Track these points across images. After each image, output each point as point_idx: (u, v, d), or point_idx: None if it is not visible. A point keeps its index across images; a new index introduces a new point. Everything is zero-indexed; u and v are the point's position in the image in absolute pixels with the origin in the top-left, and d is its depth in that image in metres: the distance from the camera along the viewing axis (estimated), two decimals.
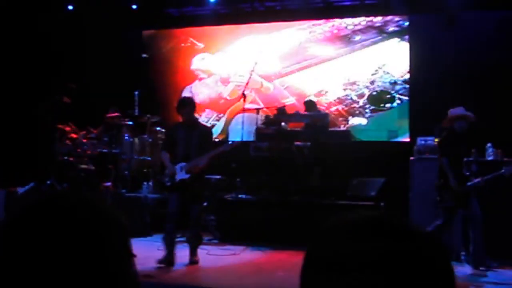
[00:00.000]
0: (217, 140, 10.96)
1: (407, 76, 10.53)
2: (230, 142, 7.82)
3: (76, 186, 8.94)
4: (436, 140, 7.46)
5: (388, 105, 10.62)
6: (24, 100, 10.56)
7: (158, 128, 9.99)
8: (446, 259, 0.86)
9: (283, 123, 9.20)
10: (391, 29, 10.84)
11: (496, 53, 9.62)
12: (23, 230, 0.93)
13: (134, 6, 11.21)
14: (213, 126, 11.34)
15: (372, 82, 10.76)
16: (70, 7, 11.35)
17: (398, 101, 10.56)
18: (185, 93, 11.58)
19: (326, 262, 0.85)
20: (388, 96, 10.64)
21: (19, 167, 9.71)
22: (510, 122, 9.01)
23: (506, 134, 8.23)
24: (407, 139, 10.10)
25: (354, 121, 10.73)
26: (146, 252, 6.67)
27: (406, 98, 10.49)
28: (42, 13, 10.94)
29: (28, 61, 11.02)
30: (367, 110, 10.70)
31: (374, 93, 10.74)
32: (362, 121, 10.70)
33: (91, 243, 0.93)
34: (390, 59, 10.70)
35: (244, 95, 9.02)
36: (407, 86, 10.52)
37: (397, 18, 10.80)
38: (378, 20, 10.92)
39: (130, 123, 9.68)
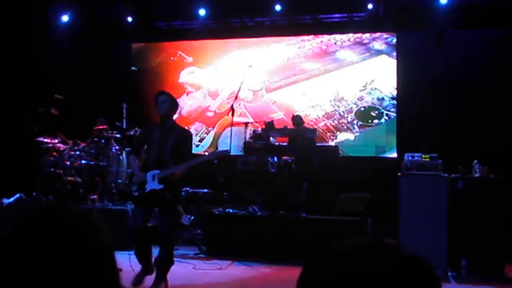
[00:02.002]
0: (206, 153, 10.94)
1: (395, 92, 10.61)
2: (218, 151, 7.15)
3: (61, 198, 8.85)
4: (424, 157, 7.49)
5: (376, 121, 10.68)
6: (11, 111, 10.49)
7: None
8: (435, 278, 0.88)
9: (271, 138, 9.20)
10: (379, 45, 10.93)
11: (482, 71, 9.75)
12: (15, 247, 0.93)
13: (129, 19, 11.21)
14: (202, 139, 11.33)
15: (360, 98, 10.82)
16: (66, 19, 11.29)
17: (386, 117, 10.63)
18: None
19: (321, 281, 0.86)
20: (376, 112, 10.70)
21: (5, 178, 9.61)
22: (496, 138, 9.09)
23: (492, 151, 8.30)
24: (395, 155, 10.16)
25: (342, 136, 10.77)
26: (134, 265, 6.58)
27: (394, 114, 10.56)
28: (31, 24, 10.91)
29: (15, 72, 10.96)
30: (355, 126, 10.75)
31: (362, 109, 10.80)
32: (350, 136, 10.74)
33: (80, 256, 0.92)
34: (378, 76, 10.78)
35: (232, 109, 9.01)
36: (395, 102, 10.60)
37: (385, 35, 10.90)
38: (366, 36, 11.02)
39: (118, 135, 9.62)
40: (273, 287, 6.20)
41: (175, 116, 6.29)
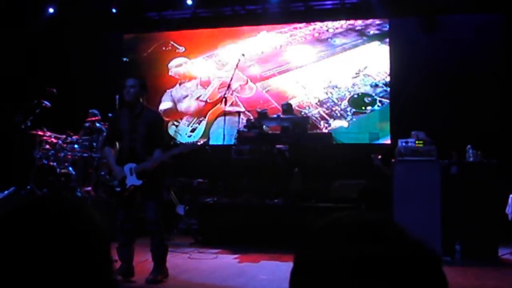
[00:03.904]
0: (198, 143, 10.90)
1: (388, 79, 10.60)
2: (189, 143, 6.91)
3: (55, 190, 8.82)
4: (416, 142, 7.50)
5: (369, 107, 10.68)
6: (3, 105, 10.42)
7: None
8: (439, 265, 0.85)
9: (264, 126, 9.19)
10: (371, 32, 10.91)
11: (475, 56, 9.75)
12: (4, 235, 0.91)
13: (120, 9, 11.14)
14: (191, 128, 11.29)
15: (353, 85, 10.82)
16: (51, 10, 11.23)
17: (379, 104, 10.63)
18: (166, 97, 11.56)
19: (316, 267, 0.83)
20: (369, 98, 10.70)
21: None
22: (490, 123, 9.12)
23: (485, 136, 8.33)
24: (388, 141, 10.17)
25: (335, 123, 10.77)
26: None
27: (387, 100, 10.56)
28: (21, 16, 10.82)
29: (6, 65, 10.88)
30: (349, 113, 10.75)
31: (355, 96, 10.79)
32: (344, 123, 10.74)
33: (74, 247, 0.91)
34: (371, 62, 10.77)
35: (225, 98, 8.98)
36: (388, 89, 10.59)
37: (377, 21, 10.88)
38: (358, 23, 10.99)
39: None
40: (270, 274, 6.21)
41: (167, 106, 6.23)
